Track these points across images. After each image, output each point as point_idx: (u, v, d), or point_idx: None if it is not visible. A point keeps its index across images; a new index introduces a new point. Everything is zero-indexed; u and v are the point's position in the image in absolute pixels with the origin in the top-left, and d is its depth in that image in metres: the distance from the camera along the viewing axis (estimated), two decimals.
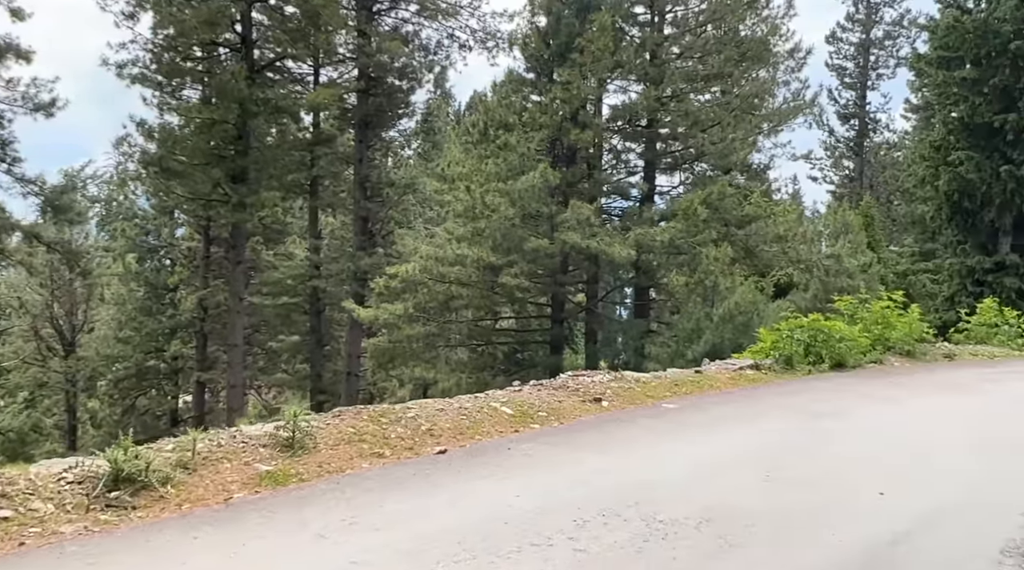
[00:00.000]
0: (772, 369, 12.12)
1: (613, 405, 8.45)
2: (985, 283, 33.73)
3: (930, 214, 36.73)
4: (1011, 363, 16.76)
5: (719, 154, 19.27)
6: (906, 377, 12.69)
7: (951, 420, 9.07)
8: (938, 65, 34.66)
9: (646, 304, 21.53)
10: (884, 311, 15.77)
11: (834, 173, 50.14)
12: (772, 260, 20.17)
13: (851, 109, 49.16)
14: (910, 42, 48.29)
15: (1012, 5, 32.09)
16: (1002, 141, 33.08)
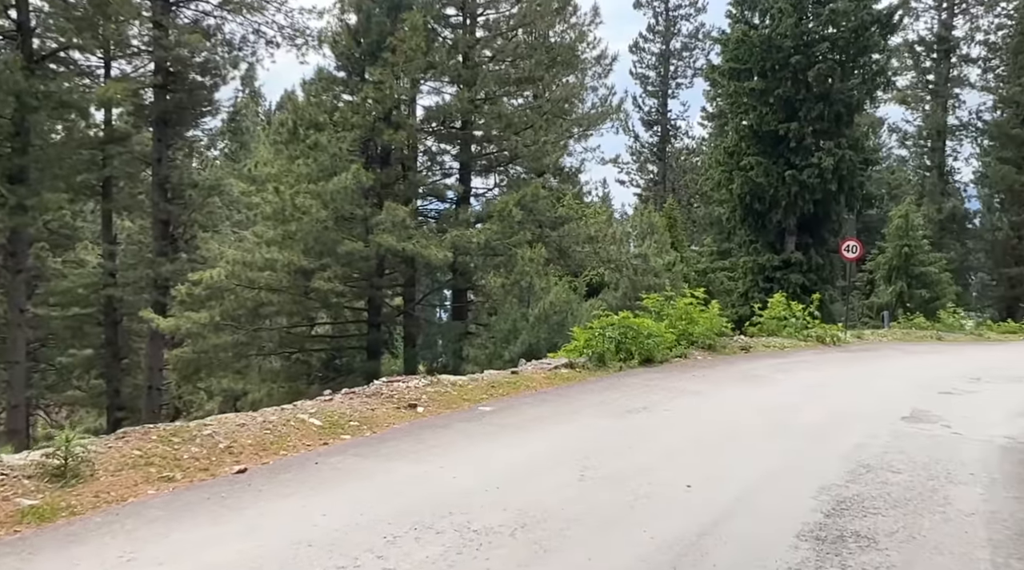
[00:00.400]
0: (585, 367, 12.34)
1: (429, 411, 8.23)
2: (774, 279, 36.53)
3: (726, 216, 39.34)
4: (798, 353, 18.11)
5: (532, 156, 19.56)
6: (708, 370, 13.32)
7: (749, 410, 9.55)
8: (730, 76, 37.15)
9: (464, 306, 21.54)
10: (688, 308, 16.54)
11: (640, 177, 52.82)
12: (584, 260, 20.75)
13: (654, 116, 51.93)
14: (705, 54, 51.59)
15: (791, 23, 34.92)
16: (786, 148, 35.95)
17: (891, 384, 13.79)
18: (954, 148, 49.62)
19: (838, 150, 34.82)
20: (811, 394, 11.41)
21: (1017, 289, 42.99)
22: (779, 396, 10.93)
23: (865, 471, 6.68)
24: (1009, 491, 6.34)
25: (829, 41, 34.63)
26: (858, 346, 21.68)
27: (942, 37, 48.33)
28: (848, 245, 23.65)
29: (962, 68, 49.18)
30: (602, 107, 23.11)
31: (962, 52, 48.94)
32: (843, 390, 12.31)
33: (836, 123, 36.00)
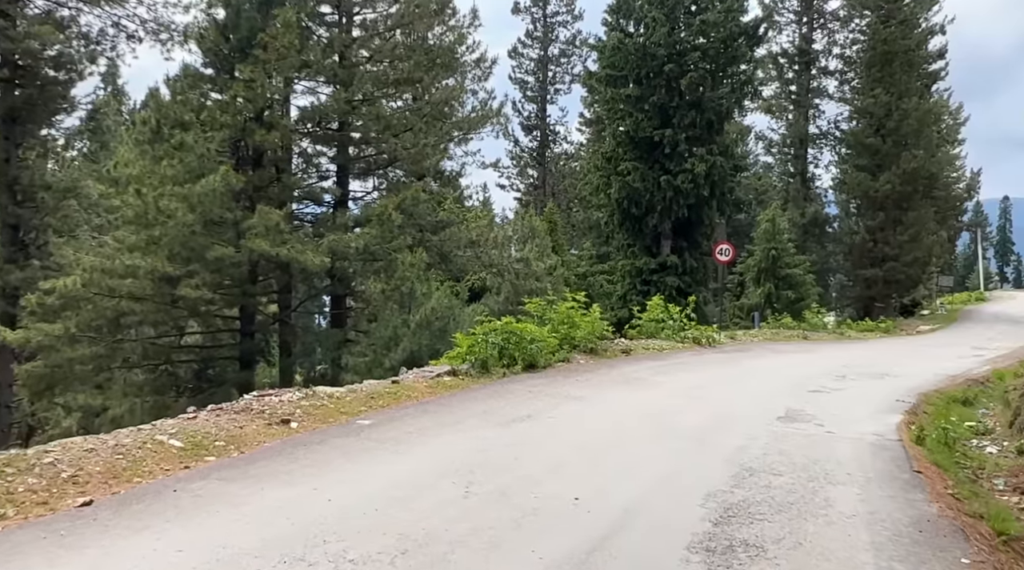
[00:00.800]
0: (469, 374, 12.07)
1: (303, 426, 7.74)
2: (651, 282, 37.36)
3: (604, 220, 40.00)
4: (677, 355, 18.44)
5: (412, 159, 19.16)
6: (591, 374, 13.30)
7: (633, 415, 9.52)
8: (607, 83, 37.79)
9: (342, 313, 20.88)
10: (569, 311, 16.54)
11: (520, 181, 53.15)
12: (466, 265, 20.50)
13: (533, 121, 52.39)
14: (582, 60, 52.40)
15: (664, 32, 35.85)
16: (661, 154, 36.87)
17: (765, 384, 14.19)
18: (815, 156, 52.26)
19: (710, 156, 35.94)
20: (691, 396, 11.54)
21: (873, 289, 45.53)
22: (661, 399, 10.98)
23: (748, 475, 6.69)
24: (883, 490, 6.48)
25: (700, 51, 35.73)
26: (732, 347, 22.34)
27: (803, 50, 50.79)
28: (722, 248, 24.37)
29: (821, 80, 51.84)
30: (482, 111, 22.95)
31: (821, 65, 51.60)
32: (721, 391, 12.52)
33: (708, 130, 37.18)
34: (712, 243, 40.43)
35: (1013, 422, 13.04)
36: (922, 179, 45.97)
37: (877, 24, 45.00)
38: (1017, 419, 12.72)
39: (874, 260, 45.22)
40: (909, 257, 45.54)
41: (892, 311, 46.58)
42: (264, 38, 17.78)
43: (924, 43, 46.49)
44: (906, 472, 7.18)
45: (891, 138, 44.60)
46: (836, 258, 50.98)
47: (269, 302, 22.78)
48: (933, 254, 50.61)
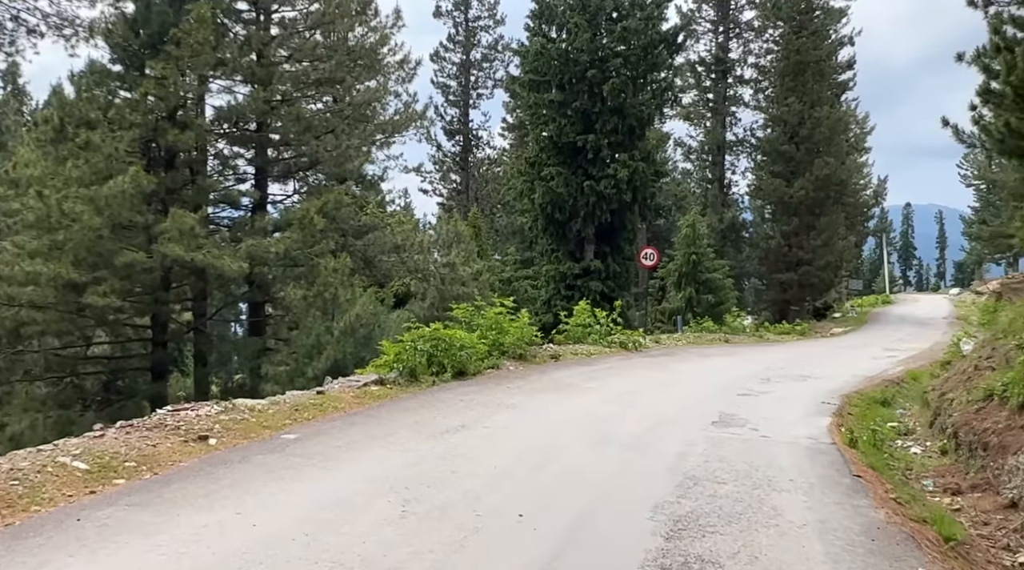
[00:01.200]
0: (397, 383, 11.66)
1: (223, 443, 7.22)
2: (575, 287, 37.42)
3: (528, 225, 39.92)
4: (605, 360, 18.36)
5: (335, 162, 18.57)
6: (522, 381, 13.03)
7: (569, 422, 9.29)
8: (529, 88, 37.73)
9: (262, 320, 20.09)
10: (498, 317, 16.26)
11: (443, 186, 52.71)
12: (391, 270, 20.01)
13: (456, 126, 52.03)
14: (505, 65, 52.34)
15: (587, 38, 36.00)
16: (584, 159, 36.98)
17: (695, 388, 14.18)
18: (732, 162, 53.41)
19: (632, 162, 36.22)
20: (625, 402, 11.38)
21: (788, 293, 46.66)
22: (595, 405, 10.79)
23: (693, 484, 6.50)
24: (828, 496, 6.38)
25: (622, 57, 35.99)
26: (658, 351, 22.44)
27: (720, 59, 51.88)
28: (646, 253, 24.50)
29: (738, 88, 53.03)
30: (406, 113, 22.46)
31: (737, 74, 52.82)
32: (653, 396, 12.41)
33: (630, 136, 37.48)
34: (635, 248, 40.86)
35: (933, 422, 13.32)
36: (833, 185, 47.40)
37: (790, 35, 46.24)
38: (937, 419, 13.00)
39: (789, 264, 46.29)
40: (822, 261, 46.81)
41: (806, 314, 47.86)
42: (177, 33, 16.97)
43: (834, 54, 48.01)
44: (846, 477, 7.13)
45: (804, 145, 45.80)
46: (752, 262, 52.11)
47: (183, 310, 21.79)
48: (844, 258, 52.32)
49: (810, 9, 48.00)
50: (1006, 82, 12.83)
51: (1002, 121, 12.93)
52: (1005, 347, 13.20)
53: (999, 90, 13.72)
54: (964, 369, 13.91)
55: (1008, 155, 13.91)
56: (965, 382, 13.38)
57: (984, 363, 13.52)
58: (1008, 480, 8.10)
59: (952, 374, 14.13)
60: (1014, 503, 7.67)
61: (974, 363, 13.79)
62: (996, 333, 15.05)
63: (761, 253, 48.22)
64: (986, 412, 10.20)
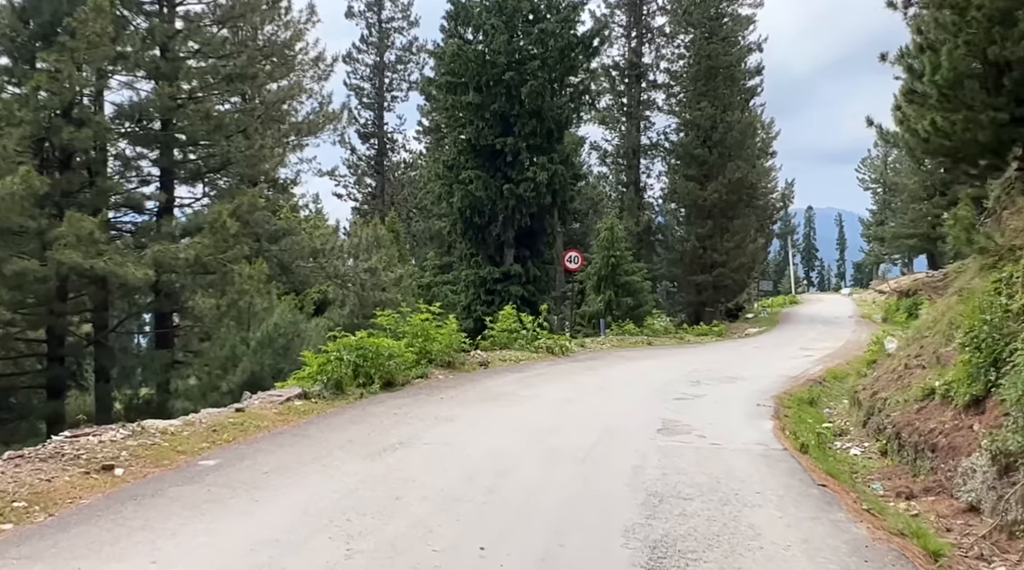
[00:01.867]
0: (322, 396, 10.88)
1: (132, 472, 6.37)
2: (495, 292, 36.95)
3: (447, 229, 39.29)
4: (534, 366, 17.88)
5: (248, 162, 17.50)
6: (454, 390, 12.40)
7: (513, 435, 8.73)
8: (446, 90, 37.12)
9: (170, 332, 18.78)
10: (424, 324, 15.60)
11: (357, 190, 51.41)
12: (309, 276, 19.04)
13: (371, 129, 50.85)
14: (419, 67, 51.51)
15: (504, 39, 35.62)
16: (503, 162, 36.57)
17: (630, 394, 13.82)
18: (647, 166, 53.83)
19: (551, 165, 36.00)
20: (565, 411, 10.90)
21: (703, 295, 47.30)
22: (535, 416, 10.27)
23: (658, 502, 6.03)
24: (802, 510, 6.00)
25: (540, 59, 35.74)
26: (585, 355, 22.13)
27: (633, 63, 52.27)
28: (570, 256, 24.19)
29: (651, 93, 53.56)
30: (321, 114, 21.41)
31: (651, 78, 53.32)
32: (591, 404, 11.97)
33: (548, 139, 37.27)
34: (555, 252, 40.66)
35: (866, 422, 13.31)
36: (745, 189, 48.38)
37: (701, 40, 46.94)
38: (871, 419, 12.98)
39: (704, 266, 46.91)
40: (736, 263, 47.65)
41: (719, 315, 48.64)
42: (71, 23, 15.68)
43: (743, 59, 48.96)
44: (812, 486, 6.79)
45: (717, 149, 46.53)
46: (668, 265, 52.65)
47: (82, 322, 20.29)
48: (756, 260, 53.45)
49: (719, 16, 48.90)
50: (931, 81, 12.90)
51: (928, 120, 13.00)
52: (934, 345, 13.31)
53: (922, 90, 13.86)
54: (894, 368, 13.97)
55: (931, 155, 14.05)
56: (896, 381, 13.42)
57: (914, 361, 13.59)
58: (963, 483, 7.91)
59: (881, 373, 14.18)
60: (973, 507, 7.48)
61: (903, 362, 13.85)
62: (921, 331, 15.24)
63: (676, 256, 48.73)
64: (928, 412, 10.12)
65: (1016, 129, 12.64)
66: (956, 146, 13.19)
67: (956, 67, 12.40)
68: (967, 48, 12.31)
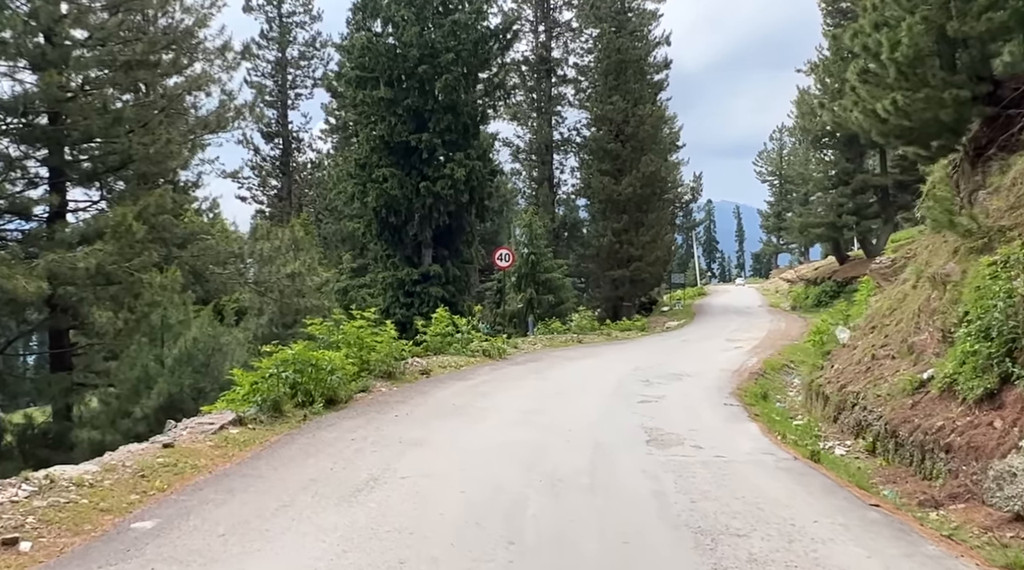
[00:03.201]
0: (259, 421, 9.47)
1: (43, 547, 4.92)
2: (415, 293, 35.60)
3: (361, 230, 37.61)
4: (477, 372, 16.72)
5: (152, 160, 15.60)
6: (406, 405, 11.15)
7: (494, 458, 7.63)
8: (356, 84, 35.49)
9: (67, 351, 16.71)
10: (360, 332, 14.28)
11: (262, 192, 48.83)
12: (226, 283, 17.32)
13: (274, 128, 48.38)
14: (324, 63, 49.46)
15: (416, 31, 34.26)
16: (419, 159, 35.19)
17: (590, 399, 12.86)
18: (561, 161, 53.28)
19: (469, 161, 34.86)
20: (535, 424, 9.83)
21: (620, 289, 47.02)
22: (508, 433, 9.16)
23: (712, 542, 5.04)
24: (882, 542, 5.12)
25: (454, 52, 34.49)
26: (522, 357, 21.11)
27: (543, 58, 51.62)
28: (501, 253, 23.15)
29: (561, 87, 53.02)
30: (227, 108, 19.45)
31: (560, 73, 52.79)
32: (559, 414, 10.92)
33: (464, 135, 36.12)
34: (473, 251, 39.52)
35: (837, 418, 12.74)
36: (659, 182, 48.42)
37: (611, 34, 46.66)
38: (842, 415, 12.40)
39: (621, 261, 46.68)
40: (652, 257, 47.62)
41: (634, 309, 48.60)
42: None
43: (651, 53, 48.97)
44: (865, 508, 5.97)
45: (630, 143, 46.36)
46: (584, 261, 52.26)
47: None
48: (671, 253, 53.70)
49: (626, 10, 48.80)
50: (890, 59, 12.36)
51: (889, 100, 12.47)
52: (902, 334, 12.83)
53: (875, 70, 13.38)
54: (859, 360, 13.44)
55: (887, 136, 13.56)
56: (865, 373, 12.86)
57: (881, 352, 13.07)
58: (998, 488, 7.20)
59: (845, 365, 13.65)
60: (1019, 516, 6.77)
61: (869, 352, 13.34)
62: (877, 319, 14.83)
63: (593, 251, 48.33)
64: (926, 407, 9.47)
65: (978, 107, 12.28)
66: (916, 126, 12.73)
67: (917, 44, 11.92)
68: (925, 24, 11.85)
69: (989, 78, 12.39)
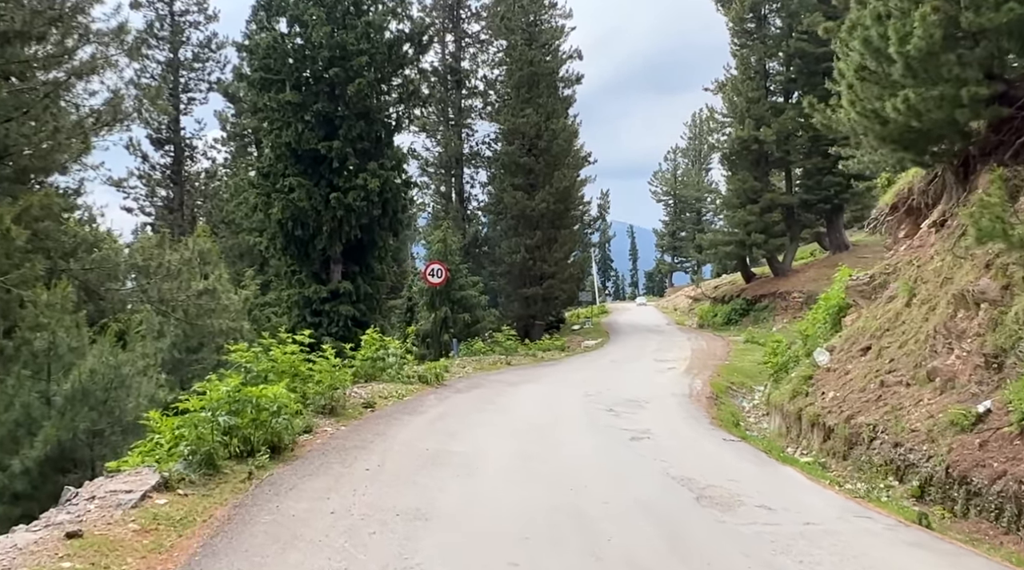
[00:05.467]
0: (191, 482, 7.25)
1: None
2: (323, 312, 33.01)
3: (264, 245, 34.78)
4: (421, 401, 14.71)
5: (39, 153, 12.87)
6: (369, 453, 9.05)
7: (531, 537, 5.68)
8: (261, 87, 32.78)
9: None
10: (293, 359, 12.08)
11: (151, 203, 44.85)
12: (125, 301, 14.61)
13: (165, 134, 44.59)
14: (220, 66, 46.23)
15: (326, 32, 31.93)
16: (328, 168, 32.72)
17: (571, 436, 11.10)
18: (472, 175, 51.55)
19: (383, 171, 32.66)
20: (541, 478, 7.98)
21: (532, 308, 45.53)
22: (521, 492, 7.28)
23: None
24: None
25: (367, 55, 32.28)
26: (460, 382, 19.12)
27: (453, 68, 49.97)
28: (433, 269, 21.15)
29: (471, 100, 51.43)
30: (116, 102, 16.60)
31: (470, 85, 51.20)
32: (555, 460, 9.09)
33: (377, 143, 33.95)
34: (385, 266, 37.22)
35: (847, 454, 11.37)
36: (571, 198, 47.44)
37: (523, 46, 45.49)
38: (854, 450, 11.05)
39: (533, 278, 45.40)
40: (566, 274, 46.52)
41: (544, 328, 47.39)
42: None
43: (562, 66, 48.06)
44: None
45: (543, 158, 45.23)
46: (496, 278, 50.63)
47: None
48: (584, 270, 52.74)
49: (536, 23, 47.78)
50: (899, 52, 11.13)
51: (900, 98, 11.25)
52: (915, 358, 11.60)
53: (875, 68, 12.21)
54: (863, 387, 12.15)
55: (885, 139, 12.41)
56: (877, 402, 11.56)
57: (891, 378, 11.81)
58: None
59: (845, 393, 12.33)
60: None
61: (874, 378, 12.10)
62: (869, 340, 13.66)
63: (505, 268, 46.76)
64: (1003, 448, 8.07)
65: (993, 108, 11.24)
66: (925, 127, 11.59)
67: (931, 35, 10.75)
68: (936, 15, 10.73)
69: (1001, 77, 11.40)
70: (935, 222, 14.57)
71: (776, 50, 46.39)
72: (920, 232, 15.54)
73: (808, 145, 45.16)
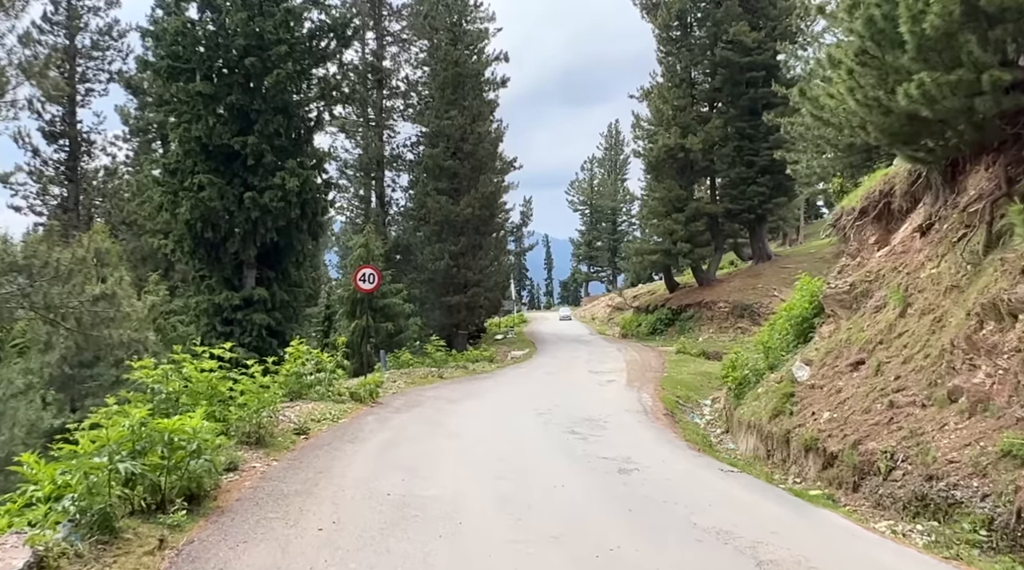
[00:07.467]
0: (76, 555, 5.27)
1: None
2: (235, 321, 30.49)
3: (170, 247, 31.95)
4: (360, 426, 12.78)
5: None
6: (316, 501, 7.17)
7: None
8: (168, 76, 30.06)
9: None
10: (211, 379, 10.07)
11: (42, 201, 41.00)
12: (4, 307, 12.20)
13: (59, 127, 40.90)
14: (122, 55, 42.86)
15: (243, 18, 29.55)
16: (242, 166, 30.27)
17: (554, 468, 9.44)
18: (393, 178, 49.45)
19: (302, 170, 30.40)
20: (533, 528, 6.27)
21: (456, 317, 43.80)
22: (500, 549, 5.54)
23: None
24: None
25: (287, 45, 30.01)
26: (396, 400, 17.23)
27: (375, 67, 47.90)
28: (364, 274, 19.21)
29: (393, 100, 49.42)
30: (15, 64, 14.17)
31: (392, 85, 49.20)
32: (545, 504, 7.39)
33: (296, 141, 31.71)
34: (303, 272, 34.87)
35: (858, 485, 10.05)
36: (496, 204, 46.02)
37: (448, 46, 43.91)
38: (866, 480, 9.73)
39: (457, 286, 43.82)
40: (491, 282, 45.06)
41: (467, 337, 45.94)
42: None
43: (487, 68, 46.57)
44: None
45: (469, 161, 43.74)
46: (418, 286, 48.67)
47: None
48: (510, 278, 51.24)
49: (460, 23, 46.26)
50: (911, 31, 9.87)
51: (915, 83, 9.98)
52: (927, 376, 10.39)
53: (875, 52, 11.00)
54: (865, 407, 10.87)
55: (886, 131, 11.23)
56: (888, 424, 10.30)
57: (900, 398, 10.58)
58: None
59: (846, 414, 11.04)
60: None
61: (879, 397, 10.84)
62: (857, 355, 12.51)
63: (428, 275, 44.89)
64: None
65: (1014, 95, 10.15)
66: (940, 116, 10.38)
67: (950, 12, 9.55)
68: None
69: (1015, 63, 10.32)
70: (920, 226, 13.56)
71: (702, 58, 46.07)
72: (899, 237, 14.56)
73: (733, 154, 44.95)
